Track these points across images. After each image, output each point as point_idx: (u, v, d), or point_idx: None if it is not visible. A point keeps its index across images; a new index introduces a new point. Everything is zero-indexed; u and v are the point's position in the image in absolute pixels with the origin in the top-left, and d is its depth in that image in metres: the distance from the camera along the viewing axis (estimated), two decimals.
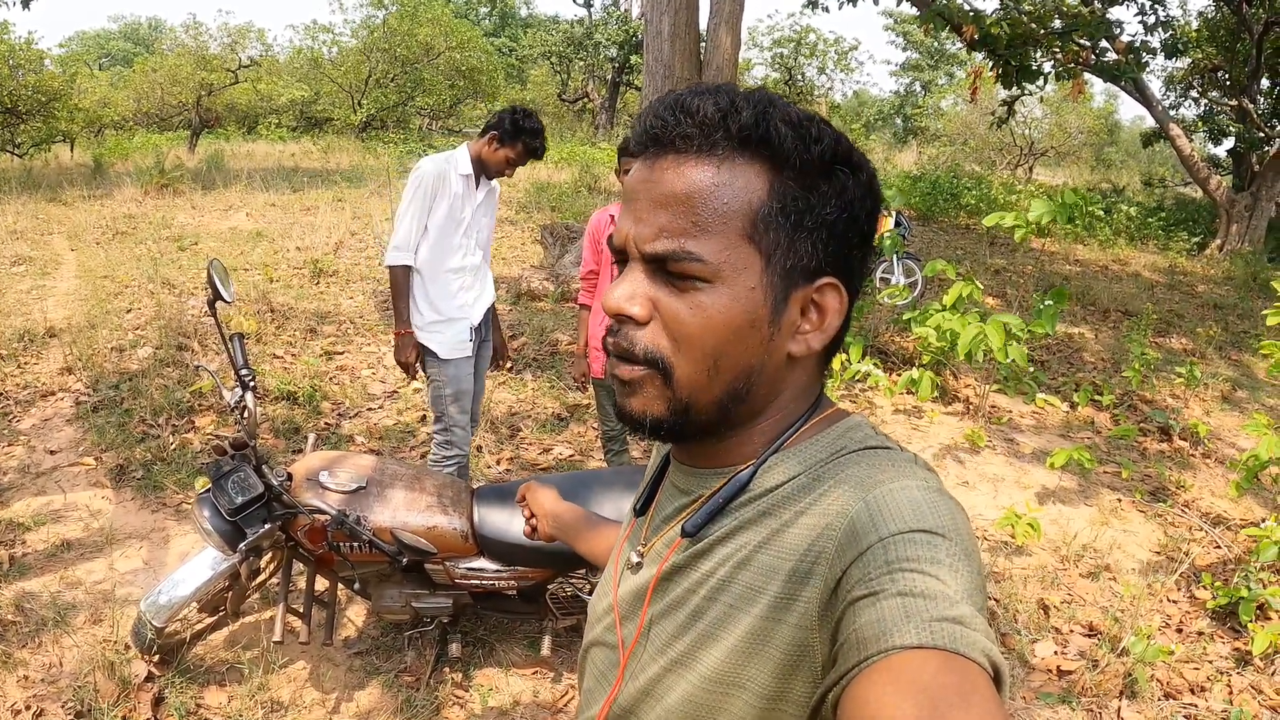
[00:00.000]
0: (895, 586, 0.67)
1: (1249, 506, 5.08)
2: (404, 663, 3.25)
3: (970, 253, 12.74)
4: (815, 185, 0.81)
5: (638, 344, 0.82)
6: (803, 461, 0.85)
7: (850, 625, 0.68)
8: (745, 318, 0.81)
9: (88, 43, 57.12)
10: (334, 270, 9.39)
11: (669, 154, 0.81)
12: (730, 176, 0.79)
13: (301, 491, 2.70)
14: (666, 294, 0.81)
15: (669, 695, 0.86)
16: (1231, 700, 3.32)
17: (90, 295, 8.09)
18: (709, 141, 0.79)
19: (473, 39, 29.34)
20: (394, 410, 5.72)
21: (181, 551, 3.98)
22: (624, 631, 0.96)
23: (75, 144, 22.38)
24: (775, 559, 0.80)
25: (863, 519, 0.74)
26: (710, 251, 0.79)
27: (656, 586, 0.91)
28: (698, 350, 0.81)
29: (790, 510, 0.82)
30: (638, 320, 0.82)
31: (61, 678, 3.10)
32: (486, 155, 3.73)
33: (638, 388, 0.84)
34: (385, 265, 3.79)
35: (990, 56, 10.70)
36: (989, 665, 0.62)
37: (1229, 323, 9.90)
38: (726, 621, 0.82)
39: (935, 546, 0.70)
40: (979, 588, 0.70)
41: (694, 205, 0.78)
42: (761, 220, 0.80)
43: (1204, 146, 19.53)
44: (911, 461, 0.83)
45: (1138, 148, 28.73)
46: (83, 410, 5.41)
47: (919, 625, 0.63)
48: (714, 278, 0.79)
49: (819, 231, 0.82)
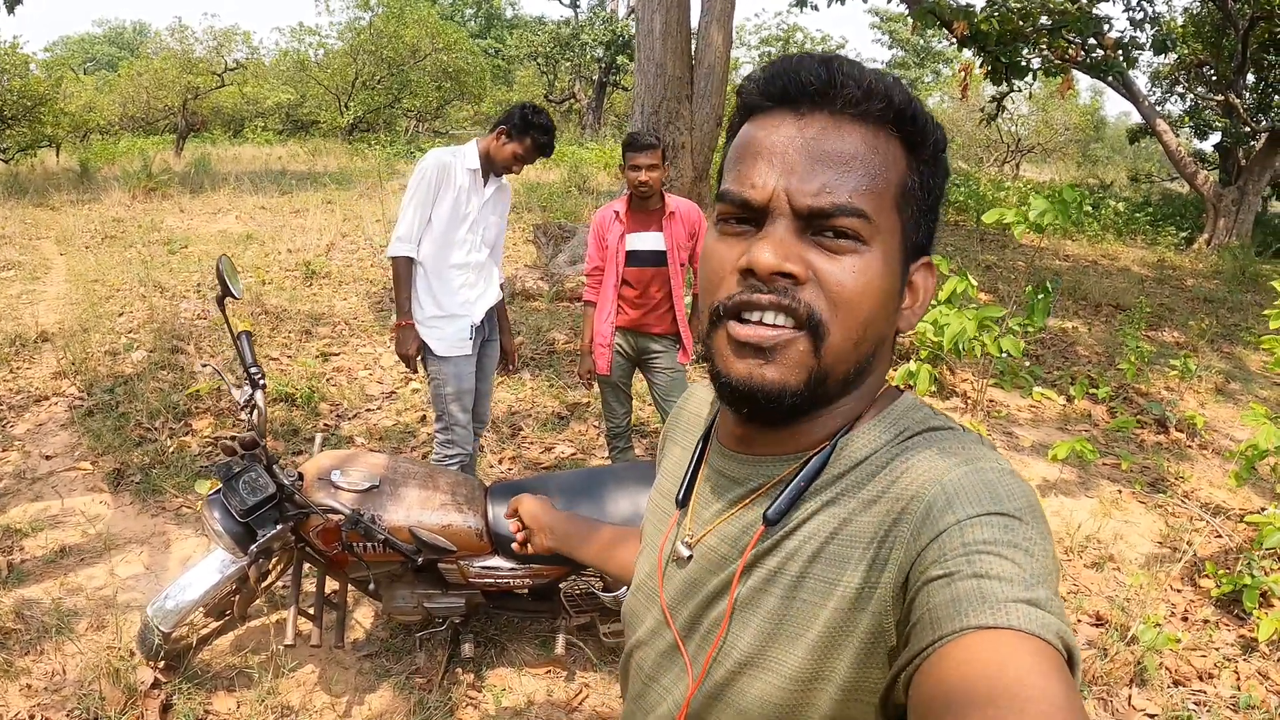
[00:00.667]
0: (971, 568, 0.67)
1: (1247, 496, 5.10)
2: (415, 664, 3.22)
3: (960, 249, 12.77)
4: (935, 169, 0.84)
5: (802, 302, 0.78)
6: (867, 445, 0.84)
7: (924, 605, 0.68)
8: (892, 284, 0.81)
9: (72, 47, 56.75)
10: (326, 272, 9.35)
11: (823, 112, 0.79)
12: (885, 146, 0.79)
13: (314, 491, 2.67)
14: (818, 255, 0.78)
15: (744, 697, 0.84)
16: (1240, 686, 3.33)
17: (81, 299, 8.03)
18: (866, 109, 0.78)
19: (459, 40, 29.30)
20: (393, 411, 5.70)
21: (183, 556, 3.95)
22: (678, 628, 0.93)
23: (61, 149, 22.23)
24: (848, 548, 0.79)
25: (939, 502, 0.73)
26: (874, 211, 0.78)
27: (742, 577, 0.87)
28: (854, 315, 0.79)
29: (858, 498, 0.81)
30: (798, 278, 0.78)
31: (66, 686, 3.06)
32: (494, 150, 3.68)
33: (779, 353, 0.79)
34: (387, 256, 3.74)
35: (980, 53, 10.73)
36: (1063, 647, 0.62)
37: (1220, 316, 9.95)
38: (805, 618, 0.80)
39: (1011, 529, 0.69)
40: (1053, 571, 0.70)
41: (859, 166, 0.78)
42: (906, 192, 0.81)
43: (1190, 142, 19.62)
44: (979, 442, 0.81)
45: (1124, 144, 28.91)
46: (77, 414, 5.37)
47: (994, 606, 0.63)
48: (872, 240, 0.78)
49: (933, 211, 0.85)
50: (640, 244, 3.98)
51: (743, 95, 0.85)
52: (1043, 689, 0.57)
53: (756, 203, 0.79)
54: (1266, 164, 14.89)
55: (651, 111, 8.82)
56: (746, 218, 0.81)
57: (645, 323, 4.06)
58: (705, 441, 1.00)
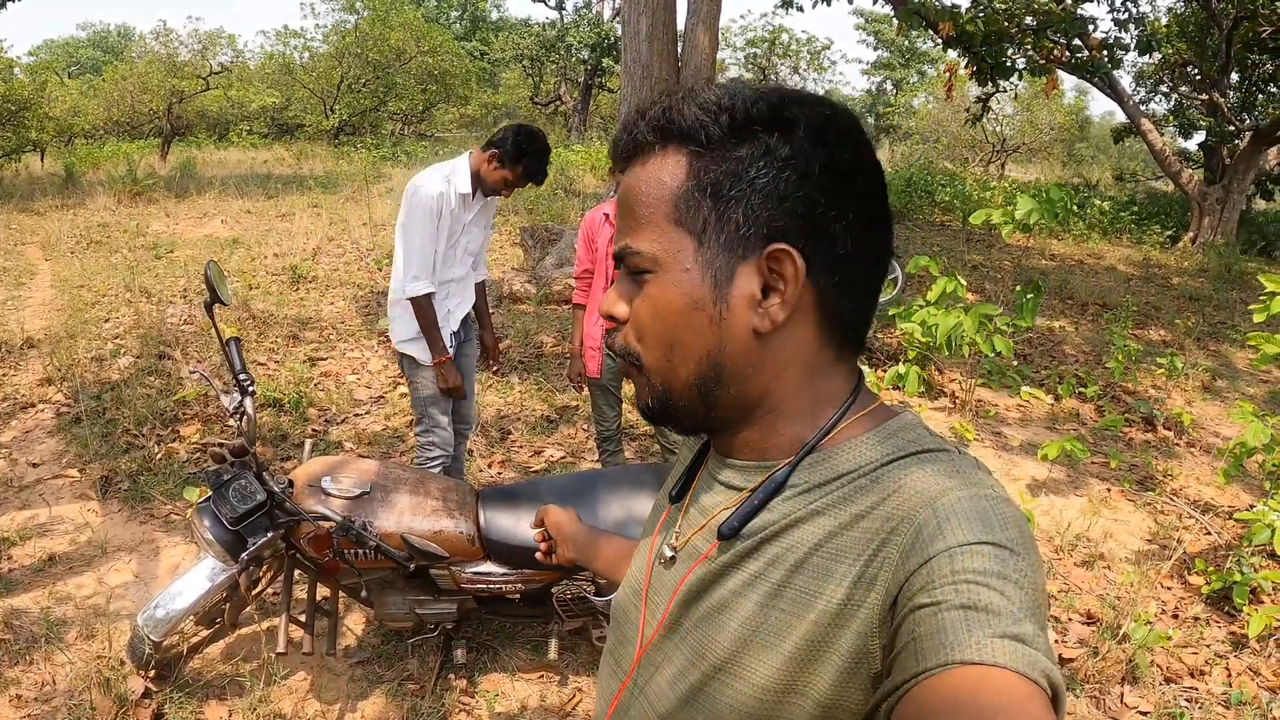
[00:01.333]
0: (959, 598, 0.67)
1: (1235, 493, 5.13)
2: (408, 671, 3.21)
3: (947, 249, 12.81)
4: (730, 153, 0.80)
5: (616, 343, 0.89)
6: (854, 459, 0.83)
7: (909, 633, 0.68)
8: (684, 299, 0.82)
9: (56, 51, 56.29)
10: (313, 276, 9.32)
11: (621, 169, 0.88)
12: (655, 170, 0.83)
13: (304, 498, 2.66)
14: (634, 292, 0.86)
15: (716, 703, 0.83)
16: (1231, 683, 3.35)
17: (67, 305, 7.98)
18: (639, 145, 0.85)
19: (444, 43, 29.26)
20: (381, 415, 5.68)
21: (173, 563, 3.93)
22: (646, 627, 0.95)
23: (46, 153, 22.10)
24: (833, 561, 0.78)
25: (930, 526, 0.73)
26: (645, 243, 0.83)
27: (684, 588, 0.90)
28: (652, 338, 0.86)
29: (848, 511, 0.80)
30: (619, 320, 0.88)
31: (56, 696, 3.04)
32: (485, 172, 3.61)
33: (633, 379, 0.91)
34: (406, 298, 3.59)
35: (965, 53, 10.78)
36: (1047, 685, 0.62)
37: (1206, 314, 10.00)
38: (782, 628, 0.80)
39: (1002, 560, 0.69)
40: (1042, 605, 0.70)
41: (631, 204, 0.85)
42: (681, 201, 0.81)
43: (1175, 141, 19.73)
44: (975, 467, 0.81)
45: (1108, 143, 29.05)
46: (64, 421, 5.33)
47: (980, 641, 0.63)
48: (654, 267, 0.83)
49: (749, 198, 0.79)
50: None
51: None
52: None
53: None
54: (1251, 162, 14.98)
55: None
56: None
57: None
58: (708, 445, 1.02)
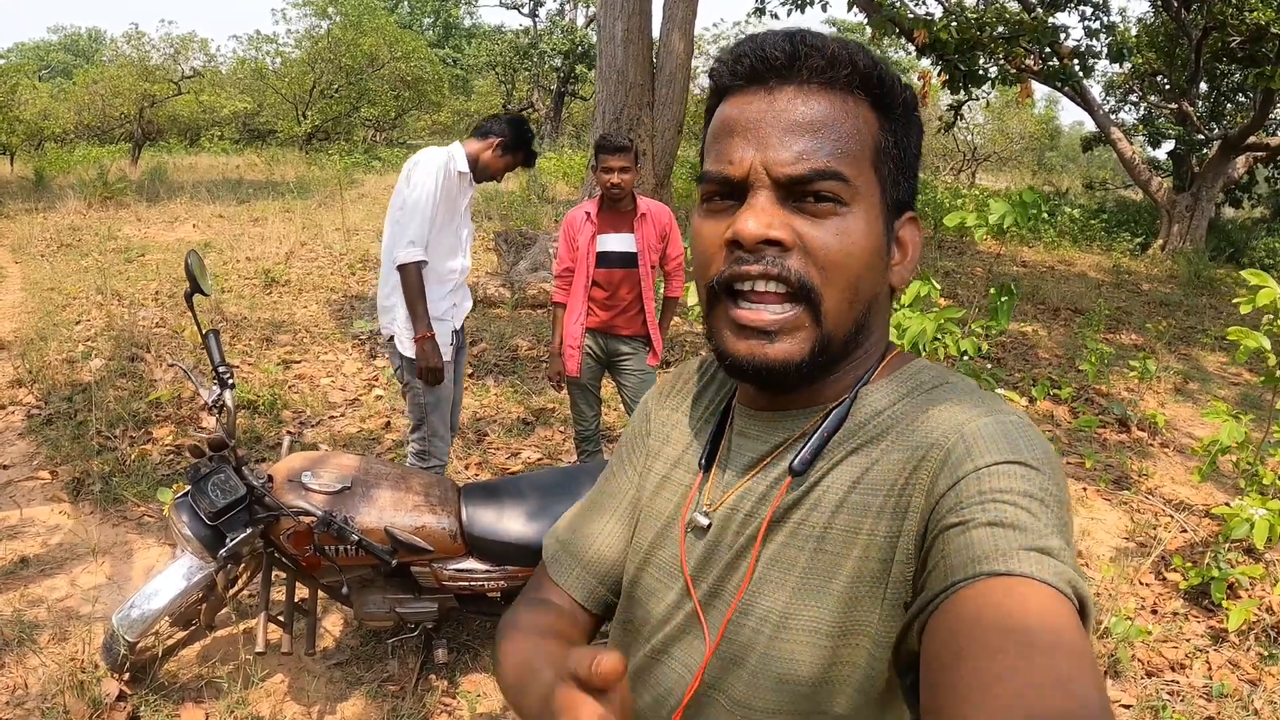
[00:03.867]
0: (986, 515, 0.68)
1: (1210, 491, 5.18)
2: (388, 671, 3.17)
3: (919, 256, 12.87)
4: (908, 127, 0.86)
5: (792, 271, 0.79)
6: (887, 396, 0.86)
7: (940, 552, 0.69)
8: (877, 242, 0.83)
9: (27, 54, 55.57)
10: (286, 280, 9.25)
11: (790, 84, 0.81)
12: (855, 109, 0.81)
13: (284, 493, 2.62)
14: (802, 221, 0.80)
15: (772, 661, 0.83)
16: (1212, 676, 3.37)
17: (37, 308, 7.87)
18: (833, 77, 0.80)
19: (417, 49, 29.16)
20: (356, 418, 5.62)
21: (146, 565, 3.86)
22: (700, 596, 0.91)
23: (15, 157, 21.80)
24: (869, 496, 0.80)
25: (959, 450, 0.75)
26: (852, 172, 0.80)
27: (767, 532, 0.86)
28: (843, 277, 0.80)
29: (879, 447, 0.82)
30: (786, 245, 0.79)
31: (28, 700, 2.97)
32: (488, 159, 3.66)
33: (785, 331, 0.81)
34: (398, 263, 3.50)
35: (938, 61, 10.86)
36: (1074, 595, 0.63)
37: (1176, 319, 10.12)
38: (830, 569, 0.80)
39: (1029, 479, 0.71)
40: (1068, 522, 0.71)
41: (831, 131, 0.79)
42: (882, 151, 0.83)
43: (1144, 149, 19.97)
44: (995, 397, 0.83)
45: (1078, 152, 29.37)
46: (35, 423, 5.24)
47: (1007, 553, 0.64)
48: (853, 200, 0.80)
49: (910, 169, 0.87)
50: (611, 245, 3.97)
51: (714, 77, 0.86)
52: (1053, 636, 0.57)
53: (735, 178, 0.81)
54: (1219, 170, 15.20)
55: (613, 118, 8.82)
56: (729, 194, 0.83)
57: (615, 324, 4.04)
58: (727, 407, 0.99)
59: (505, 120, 3.72)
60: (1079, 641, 0.58)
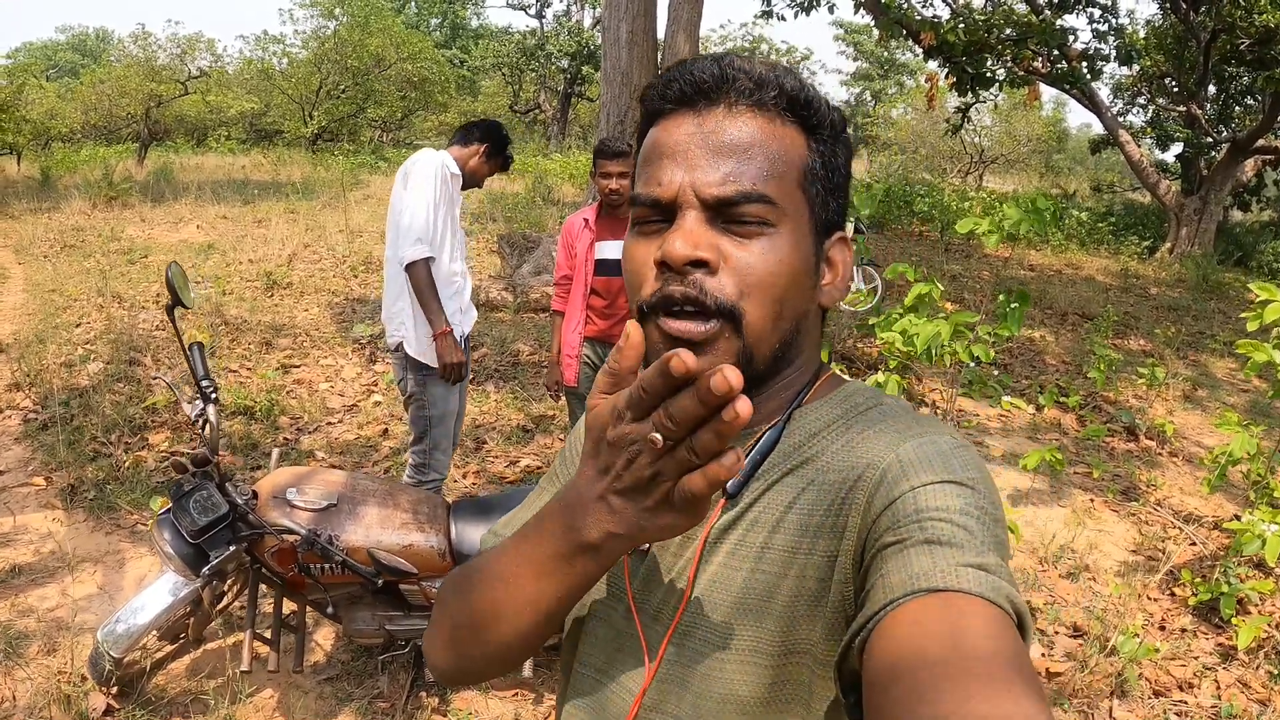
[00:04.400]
0: (923, 534, 0.69)
1: (1219, 503, 5.10)
2: (378, 688, 3.11)
3: (926, 259, 12.82)
4: (836, 148, 0.87)
5: (710, 292, 0.79)
6: (822, 418, 0.87)
7: (878, 571, 0.70)
8: (804, 263, 0.84)
9: (35, 54, 55.71)
10: (288, 282, 9.21)
11: (718, 107, 0.82)
12: (783, 131, 0.83)
13: (268, 510, 2.56)
14: (728, 242, 0.81)
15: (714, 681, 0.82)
16: (1220, 695, 3.30)
17: (38, 310, 7.84)
18: (760, 99, 0.82)
19: (424, 50, 29.12)
20: (354, 424, 5.57)
21: (139, 575, 3.82)
22: (642, 619, 0.90)
23: (22, 156, 21.84)
24: (805, 517, 0.81)
25: (894, 470, 0.76)
26: (779, 194, 0.81)
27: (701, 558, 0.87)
28: (767, 295, 0.81)
29: (813, 468, 0.83)
30: (711, 266, 0.79)
31: (15, 713, 2.94)
32: (475, 165, 3.66)
33: (708, 345, 0.81)
34: (405, 262, 3.42)
35: (945, 64, 10.79)
36: (1012, 610, 0.64)
37: (1185, 324, 10.04)
38: (768, 589, 0.81)
39: (964, 497, 0.72)
40: (1004, 541, 0.72)
41: (759, 153, 0.81)
42: (809, 173, 0.84)
43: (1153, 152, 19.85)
44: (932, 419, 0.85)
45: (1085, 154, 29.21)
46: (31, 428, 5.21)
47: (945, 571, 0.65)
48: (779, 221, 0.81)
49: (839, 189, 0.88)
50: (610, 253, 3.90)
51: (645, 102, 0.87)
52: (992, 651, 0.58)
53: (665, 200, 0.81)
54: (1228, 173, 15.11)
55: (617, 121, 8.76)
56: (659, 216, 0.83)
57: (614, 333, 3.97)
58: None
59: (484, 126, 3.72)
60: (1016, 655, 0.58)
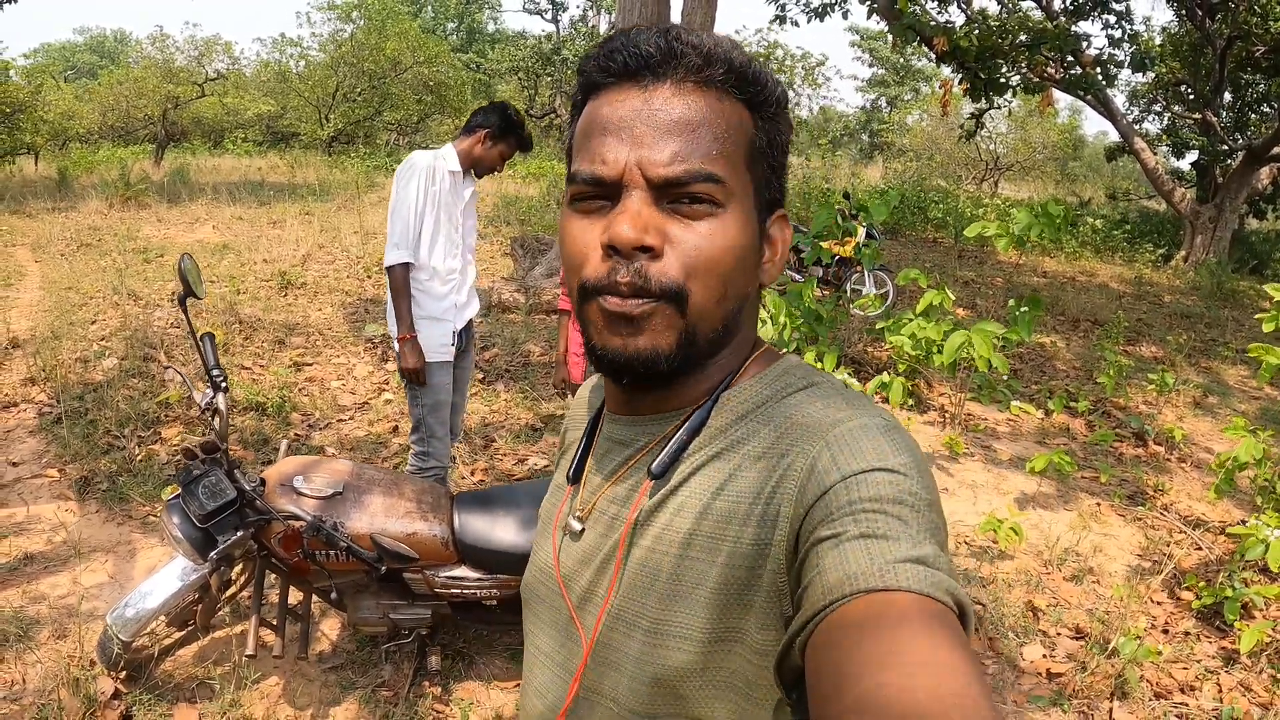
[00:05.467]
0: (857, 528, 0.68)
1: (1226, 509, 5.09)
2: (381, 677, 3.15)
3: (939, 265, 12.81)
4: (779, 125, 0.86)
5: (653, 278, 0.78)
6: (749, 400, 0.86)
7: (814, 568, 0.68)
8: (749, 243, 0.83)
9: (53, 55, 56.23)
10: (302, 282, 9.27)
11: (666, 82, 0.80)
12: (730, 108, 0.81)
13: (275, 497, 2.60)
14: (675, 223, 0.79)
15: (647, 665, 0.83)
16: (1221, 698, 3.30)
17: (54, 306, 7.92)
18: (708, 75, 0.80)
19: (440, 54, 29.22)
20: (365, 421, 5.62)
21: (149, 565, 3.86)
22: (574, 600, 0.92)
23: (40, 156, 22.05)
24: (734, 503, 0.80)
25: (824, 459, 0.75)
26: (726, 173, 0.79)
27: (629, 540, 0.87)
28: (713, 276, 0.80)
29: (741, 452, 0.82)
30: (655, 251, 0.78)
31: (25, 695, 2.98)
32: (480, 153, 3.67)
33: (646, 322, 0.80)
34: (385, 265, 3.59)
35: (959, 70, 10.79)
36: (953, 604, 0.63)
37: (1197, 331, 10.00)
38: (697, 576, 0.80)
39: (896, 485, 0.71)
40: (940, 525, 0.72)
41: (707, 131, 0.79)
42: (756, 151, 0.83)
43: (1168, 160, 19.77)
44: (861, 397, 0.84)
45: (1101, 162, 29.13)
46: (46, 422, 5.27)
47: (882, 567, 0.64)
48: (726, 201, 0.80)
49: (781, 167, 0.87)
50: None
51: (584, 73, 0.85)
52: (932, 651, 0.57)
53: (610, 178, 0.79)
54: (1243, 181, 15.03)
55: None
56: (601, 194, 0.81)
57: None
58: (598, 418, 1.00)
59: (484, 110, 3.72)
60: (958, 652, 0.57)
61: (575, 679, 0.89)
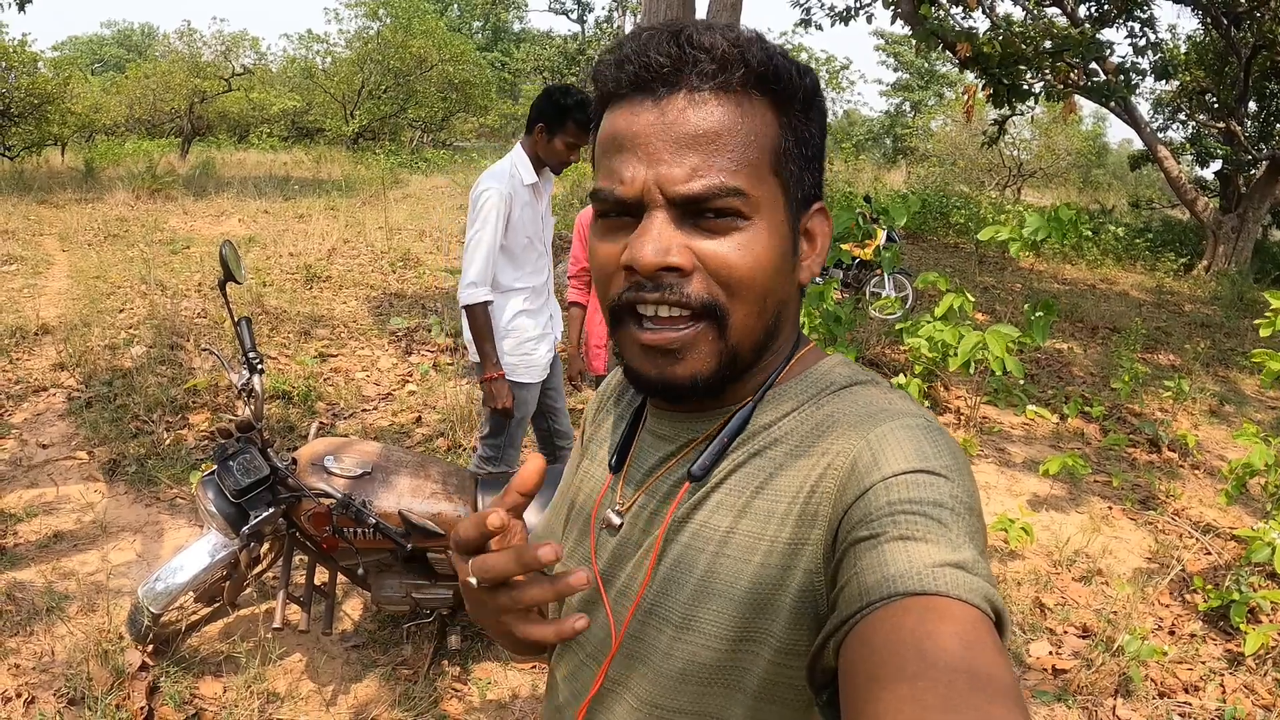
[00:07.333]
0: (897, 530, 0.66)
1: (1238, 515, 5.12)
2: (402, 655, 3.24)
3: (959, 270, 12.81)
4: (810, 117, 0.82)
5: (692, 296, 0.77)
6: (793, 399, 0.84)
7: (851, 568, 0.67)
8: (782, 251, 0.80)
9: (80, 47, 56.87)
10: (327, 276, 9.39)
11: (679, 92, 0.76)
12: (751, 112, 0.77)
13: (307, 475, 2.70)
14: (702, 240, 0.77)
15: (671, 660, 0.82)
16: (1225, 699, 3.34)
17: (82, 295, 8.06)
18: (725, 80, 0.76)
19: (465, 52, 29.40)
20: (389, 412, 5.72)
21: (176, 545, 3.96)
22: (610, 595, 0.91)
23: (67, 148, 22.31)
24: (774, 502, 0.79)
25: (865, 458, 0.74)
26: (750, 186, 0.76)
27: (665, 538, 0.86)
28: (751, 291, 0.78)
29: (782, 450, 0.81)
30: (684, 270, 0.76)
31: (54, 666, 3.09)
32: (545, 151, 3.39)
33: (688, 350, 0.79)
34: (461, 305, 3.37)
35: (982, 75, 10.79)
36: (990, 610, 0.61)
37: (1216, 340, 9.98)
38: (733, 574, 0.79)
39: (937, 488, 0.69)
40: (980, 530, 0.70)
41: (727, 142, 0.75)
42: (782, 154, 0.79)
43: (1191, 168, 19.67)
44: (905, 398, 0.82)
45: (1125, 170, 28.97)
46: (75, 406, 5.39)
47: (921, 571, 0.62)
48: (754, 213, 0.77)
49: (815, 160, 0.83)
50: None
51: (598, 82, 0.82)
52: (969, 658, 0.56)
53: (630, 198, 0.77)
54: (1267, 192, 14.96)
55: None
56: (624, 211, 0.79)
57: None
58: (642, 407, 0.98)
59: (538, 100, 3.41)
60: (994, 659, 0.57)
61: (602, 671, 0.89)
